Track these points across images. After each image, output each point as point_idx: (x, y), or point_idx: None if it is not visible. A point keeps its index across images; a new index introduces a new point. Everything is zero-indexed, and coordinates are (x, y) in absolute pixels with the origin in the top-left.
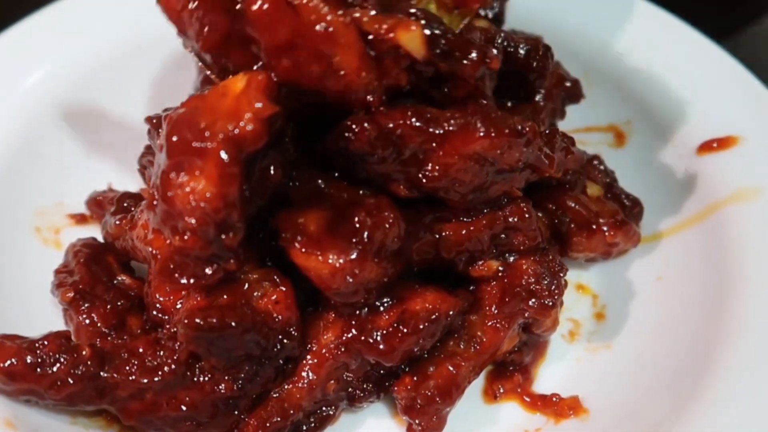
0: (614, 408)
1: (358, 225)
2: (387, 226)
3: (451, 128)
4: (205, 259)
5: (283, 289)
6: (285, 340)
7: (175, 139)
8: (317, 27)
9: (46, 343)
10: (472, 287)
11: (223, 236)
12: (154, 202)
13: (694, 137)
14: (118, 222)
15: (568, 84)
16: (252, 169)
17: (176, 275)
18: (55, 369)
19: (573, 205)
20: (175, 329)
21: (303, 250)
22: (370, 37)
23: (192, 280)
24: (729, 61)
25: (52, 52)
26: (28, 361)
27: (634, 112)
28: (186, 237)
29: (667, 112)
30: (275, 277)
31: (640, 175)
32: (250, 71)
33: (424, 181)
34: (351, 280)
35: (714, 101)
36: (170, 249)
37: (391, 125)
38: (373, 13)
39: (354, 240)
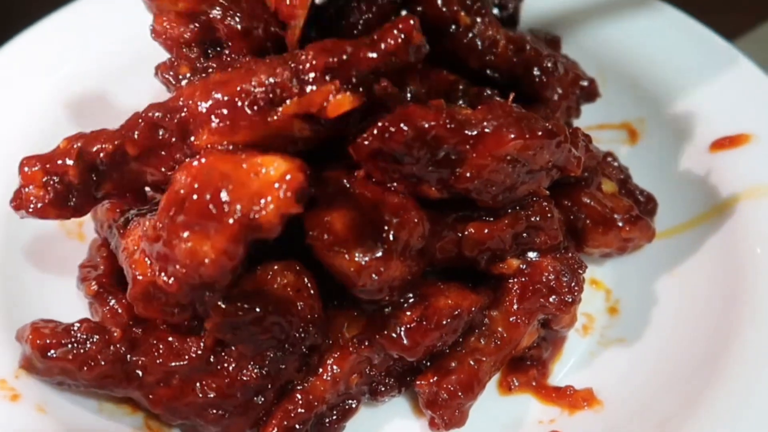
0: (628, 400)
1: (383, 224)
2: (412, 225)
3: (485, 130)
4: (178, 303)
5: (305, 278)
6: (309, 327)
7: (195, 197)
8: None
9: (79, 325)
10: (493, 284)
11: (206, 294)
12: (157, 238)
13: (706, 135)
14: (108, 206)
15: (584, 83)
16: None
17: (148, 302)
18: (87, 348)
19: (588, 201)
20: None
21: (329, 248)
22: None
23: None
24: (741, 60)
25: (71, 53)
26: (62, 340)
27: (648, 109)
28: (171, 281)
29: (680, 109)
30: (297, 267)
31: (653, 172)
32: (291, 160)
33: (456, 182)
34: (376, 278)
35: (726, 99)
36: (150, 280)
37: (426, 125)
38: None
39: (379, 239)
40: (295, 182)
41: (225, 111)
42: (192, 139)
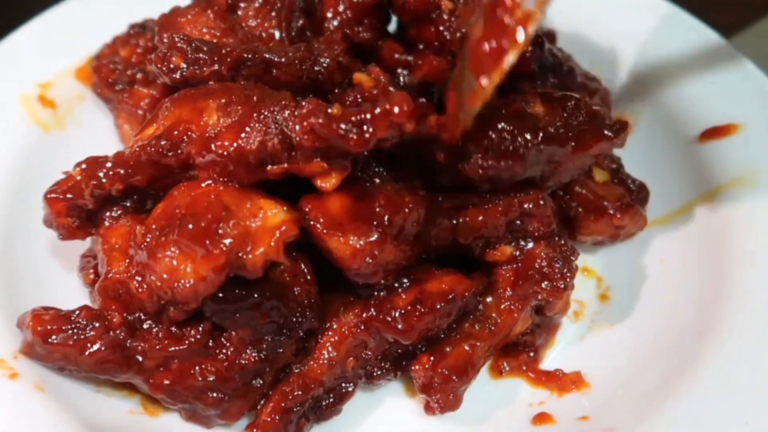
0: (615, 381)
1: (378, 209)
2: (407, 210)
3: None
4: (142, 308)
5: (301, 263)
6: (306, 312)
7: (192, 219)
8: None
9: (79, 312)
10: (486, 271)
11: (171, 309)
12: (142, 245)
13: (696, 125)
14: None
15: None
16: None
17: (113, 299)
18: (87, 334)
19: (580, 189)
20: None
21: (325, 231)
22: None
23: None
24: (730, 51)
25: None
26: (63, 326)
27: (640, 101)
28: (142, 289)
29: (671, 101)
30: (293, 252)
31: (645, 162)
32: (290, 212)
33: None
34: (371, 261)
35: (716, 90)
36: (124, 281)
37: None
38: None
39: (375, 223)
40: (287, 234)
41: (220, 167)
42: (194, 173)
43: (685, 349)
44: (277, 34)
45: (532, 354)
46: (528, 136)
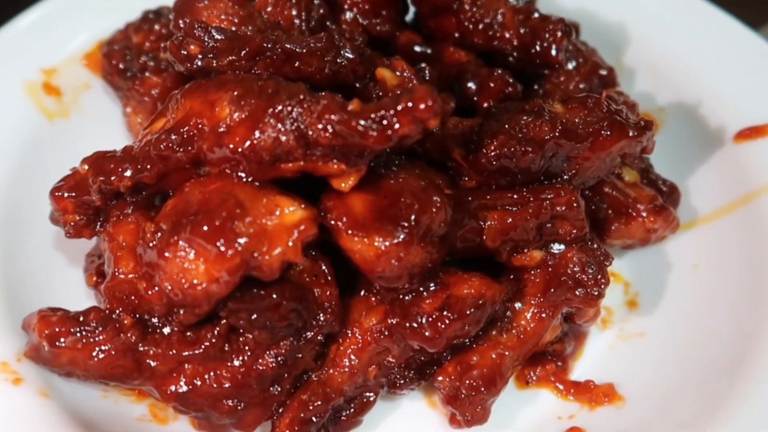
0: (650, 396)
1: (404, 208)
2: (434, 210)
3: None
4: (151, 311)
5: (321, 264)
6: (327, 315)
7: (204, 217)
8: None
9: (88, 313)
10: (512, 276)
11: (182, 312)
12: (151, 244)
13: (730, 125)
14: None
15: (603, 72)
16: None
17: (121, 300)
18: (96, 337)
19: (610, 191)
20: None
21: (348, 232)
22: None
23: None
24: (764, 47)
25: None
26: (72, 329)
27: (668, 99)
28: (152, 291)
29: (701, 99)
30: (312, 252)
31: (674, 163)
32: (308, 209)
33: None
34: (396, 263)
35: (750, 88)
36: (132, 281)
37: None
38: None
39: (401, 223)
40: (305, 233)
41: (232, 163)
42: (206, 170)
43: (726, 359)
44: (296, 24)
45: (560, 364)
46: (546, 128)
